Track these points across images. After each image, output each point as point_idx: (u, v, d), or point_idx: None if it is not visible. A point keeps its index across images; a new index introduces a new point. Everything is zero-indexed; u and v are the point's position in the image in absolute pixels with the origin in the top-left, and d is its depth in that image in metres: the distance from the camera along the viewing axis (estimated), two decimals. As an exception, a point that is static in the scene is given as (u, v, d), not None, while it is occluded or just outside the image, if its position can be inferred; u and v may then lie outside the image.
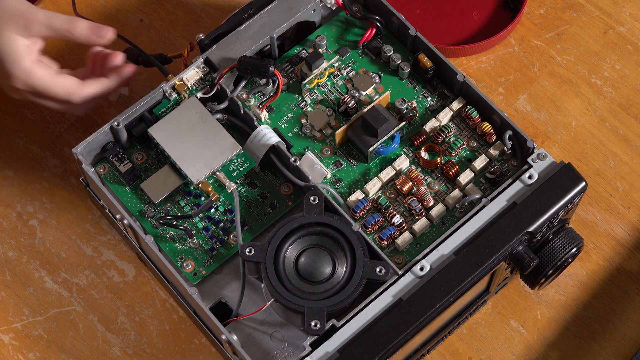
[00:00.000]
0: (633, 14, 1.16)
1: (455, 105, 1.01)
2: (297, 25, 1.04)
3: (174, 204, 1.00)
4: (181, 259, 0.98)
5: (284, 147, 0.98)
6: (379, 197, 0.98)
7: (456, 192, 0.98)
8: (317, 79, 1.03)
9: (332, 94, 1.03)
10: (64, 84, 1.00)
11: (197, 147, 0.98)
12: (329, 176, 1.00)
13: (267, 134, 0.98)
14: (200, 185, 0.98)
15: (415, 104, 1.02)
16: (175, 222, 0.98)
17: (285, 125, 1.02)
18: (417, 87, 1.03)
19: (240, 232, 0.95)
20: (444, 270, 0.92)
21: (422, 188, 0.99)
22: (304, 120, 1.02)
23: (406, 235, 0.97)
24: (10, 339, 1.03)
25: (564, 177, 0.95)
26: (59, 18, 0.99)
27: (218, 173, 0.98)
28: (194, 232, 0.98)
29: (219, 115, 1.00)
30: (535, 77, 1.13)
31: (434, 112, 1.02)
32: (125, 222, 0.96)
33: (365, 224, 0.97)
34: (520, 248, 0.94)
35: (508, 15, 1.15)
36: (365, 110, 1.00)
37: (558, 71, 1.13)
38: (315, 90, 1.03)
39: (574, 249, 0.97)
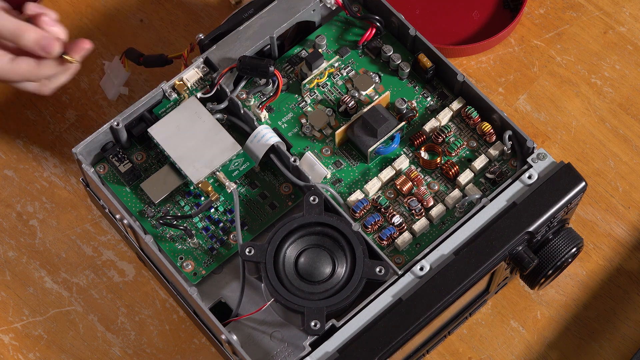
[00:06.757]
0: (633, 14, 1.16)
1: (455, 105, 1.01)
2: (297, 25, 1.04)
3: (174, 204, 1.00)
4: (181, 259, 0.98)
5: (283, 147, 0.98)
6: (379, 197, 0.98)
7: (456, 192, 0.98)
8: (317, 79, 1.03)
9: (332, 94, 1.03)
10: (19, 69, 0.99)
11: (197, 147, 0.98)
12: (328, 176, 1.00)
13: (267, 134, 0.98)
14: (200, 185, 0.98)
15: (415, 104, 1.02)
16: (175, 222, 0.98)
17: (285, 125, 1.02)
18: (417, 87, 1.03)
19: (240, 232, 0.95)
20: (443, 270, 0.92)
21: (422, 188, 0.99)
22: (303, 120, 1.02)
23: (406, 235, 0.97)
24: (10, 339, 1.03)
25: (563, 177, 0.95)
26: (6, 22, 0.97)
27: (218, 173, 0.98)
28: (193, 232, 0.98)
29: (219, 115, 1.00)
30: (535, 77, 1.13)
31: (433, 112, 1.02)
32: (125, 222, 0.96)
33: (365, 224, 0.97)
34: (520, 248, 0.94)
35: (508, 15, 1.15)
36: (365, 110, 1.00)
37: (558, 71, 1.13)
38: (315, 90, 1.03)
39: (574, 249, 0.97)
